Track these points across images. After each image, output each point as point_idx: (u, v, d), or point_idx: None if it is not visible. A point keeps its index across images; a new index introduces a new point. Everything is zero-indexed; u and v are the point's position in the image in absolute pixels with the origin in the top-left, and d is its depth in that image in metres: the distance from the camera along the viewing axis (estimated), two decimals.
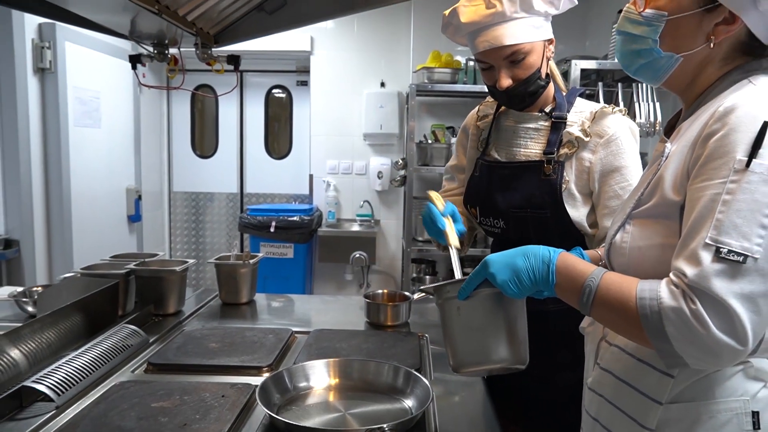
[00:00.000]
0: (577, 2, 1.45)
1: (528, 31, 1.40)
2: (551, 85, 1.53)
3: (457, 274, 1.26)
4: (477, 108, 1.72)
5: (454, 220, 1.40)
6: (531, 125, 1.53)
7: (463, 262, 4.31)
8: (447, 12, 1.47)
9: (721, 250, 0.79)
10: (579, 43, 4.19)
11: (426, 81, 3.91)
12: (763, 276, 0.79)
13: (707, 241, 0.81)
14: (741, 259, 0.79)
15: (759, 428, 0.89)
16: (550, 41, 1.47)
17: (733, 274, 0.79)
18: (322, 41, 4.37)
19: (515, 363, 1.05)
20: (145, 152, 4.23)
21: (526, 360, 1.06)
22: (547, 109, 1.52)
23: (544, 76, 1.47)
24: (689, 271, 0.81)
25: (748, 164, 0.80)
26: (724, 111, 0.85)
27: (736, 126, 0.83)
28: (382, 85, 4.37)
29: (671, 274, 0.85)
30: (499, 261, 0.99)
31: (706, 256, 0.80)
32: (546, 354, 1.49)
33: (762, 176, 0.80)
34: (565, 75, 3.12)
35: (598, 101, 3.04)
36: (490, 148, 1.60)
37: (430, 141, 4.13)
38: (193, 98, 4.79)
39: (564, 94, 1.54)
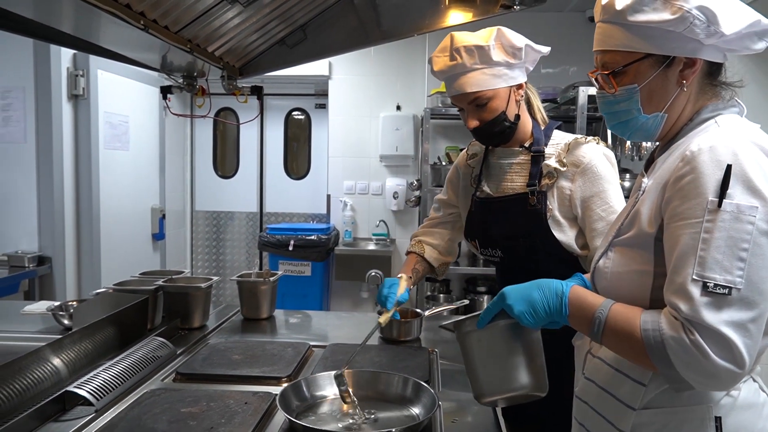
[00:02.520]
0: (546, 51, 1.60)
1: (488, 80, 1.54)
2: (528, 121, 1.66)
3: (374, 336, 1.44)
4: (466, 148, 1.88)
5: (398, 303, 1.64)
6: (514, 160, 1.67)
7: (476, 280, 4.35)
8: (428, 60, 1.64)
9: (708, 284, 0.89)
10: (590, 67, 4.29)
11: (440, 105, 4.04)
12: (748, 304, 0.88)
13: (694, 277, 0.90)
14: (726, 291, 0.88)
15: (721, 431, 0.98)
16: (519, 86, 1.61)
17: (721, 305, 0.88)
18: (340, 66, 4.53)
19: (535, 390, 1.12)
20: (169, 173, 4.40)
21: (545, 387, 1.14)
22: (526, 144, 1.65)
23: (512, 117, 1.60)
24: (683, 306, 0.90)
25: (719, 204, 0.90)
26: (691, 155, 0.95)
27: (703, 170, 0.93)
28: (398, 108, 4.51)
29: (667, 308, 0.93)
30: (516, 293, 1.08)
31: (696, 291, 0.89)
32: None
33: (733, 214, 0.89)
34: (573, 101, 3.22)
35: (603, 126, 3.14)
36: (482, 184, 1.74)
37: (444, 162, 4.25)
38: (216, 121, 4.97)
39: (542, 128, 1.66)
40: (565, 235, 1.57)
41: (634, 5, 1.00)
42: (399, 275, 1.77)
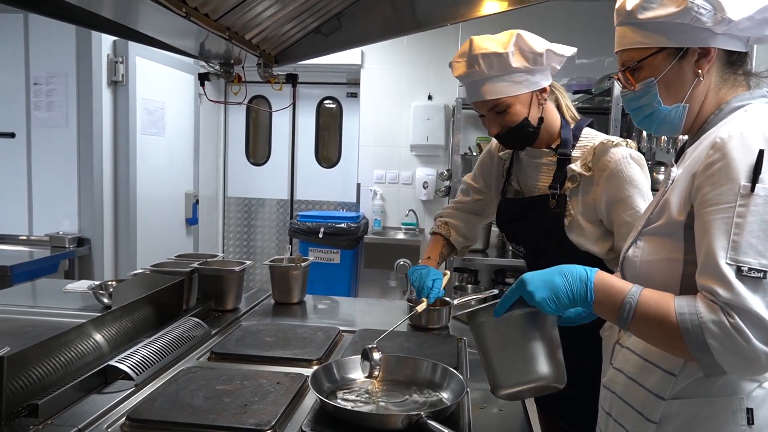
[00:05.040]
0: (571, 53, 1.55)
1: (507, 87, 1.50)
2: (555, 122, 1.61)
3: (403, 324, 1.49)
4: None
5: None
6: (541, 160, 1.64)
7: (504, 271, 4.33)
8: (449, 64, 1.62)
9: (742, 268, 0.89)
10: None
11: None
12: None
13: (728, 261, 0.90)
14: (761, 275, 0.88)
15: (753, 423, 0.97)
16: (542, 90, 1.56)
17: (757, 289, 0.88)
18: (372, 55, 4.54)
19: (555, 381, 1.10)
20: (203, 159, 4.48)
21: (564, 379, 1.12)
22: (554, 146, 1.61)
23: (535, 122, 1.56)
24: (720, 290, 0.90)
25: (752, 189, 0.90)
26: (721, 142, 0.95)
27: (734, 155, 0.93)
28: (430, 98, 4.51)
29: (702, 293, 0.93)
30: (537, 279, 1.07)
31: (731, 275, 0.89)
32: (572, 354, 1.60)
33: (766, 198, 0.89)
34: (608, 92, 3.17)
35: None
36: (512, 179, 1.75)
37: (474, 153, 4.24)
38: (249, 108, 5.03)
39: (572, 126, 1.61)
40: (586, 239, 1.53)
41: (643, 3, 1.04)
42: (427, 257, 1.84)
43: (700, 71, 1.04)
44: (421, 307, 1.63)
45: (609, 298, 1.03)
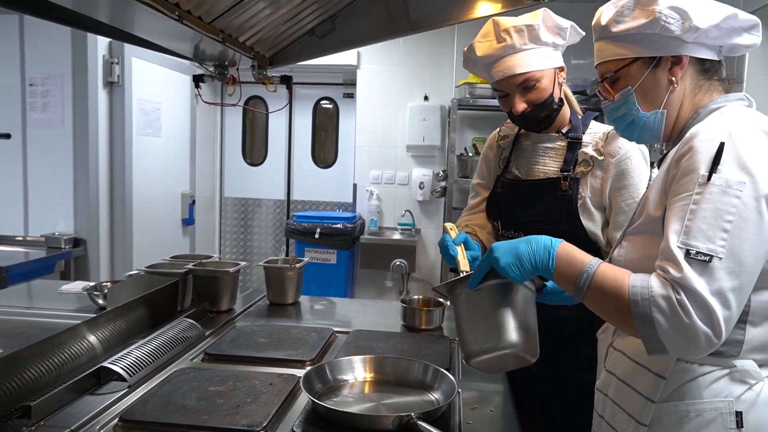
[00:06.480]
0: (584, 34, 1.59)
1: (537, 60, 1.53)
2: (567, 108, 1.66)
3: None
4: (498, 129, 1.86)
5: (468, 247, 1.49)
6: (549, 144, 1.66)
7: None
8: (466, 48, 1.62)
9: (691, 251, 0.93)
10: None
11: (468, 96, 4.03)
12: (729, 273, 0.91)
13: (679, 244, 0.94)
14: (707, 258, 0.92)
15: (742, 427, 0.99)
16: (561, 69, 1.60)
17: (703, 271, 0.91)
18: (368, 56, 4.54)
19: (525, 352, 1.12)
20: (199, 159, 4.48)
21: (536, 352, 1.14)
22: (564, 130, 1.64)
23: (557, 100, 1.60)
24: (671, 269, 0.94)
25: (709, 178, 0.95)
26: (689, 136, 1.02)
27: (698, 148, 0.98)
28: (426, 98, 4.51)
29: (657, 271, 0.97)
30: (504, 246, 1.11)
31: (680, 257, 0.93)
32: (561, 356, 1.61)
33: (721, 188, 0.94)
34: None
35: None
36: (510, 166, 1.73)
37: (470, 153, 4.25)
38: (245, 109, 5.03)
39: (580, 117, 1.66)
40: (594, 224, 1.57)
41: (615, 17, 1.12)
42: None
43: (674, 78, 1.10)
44: (463, 265, 1.40)
45: (569, 267, 1.06)
